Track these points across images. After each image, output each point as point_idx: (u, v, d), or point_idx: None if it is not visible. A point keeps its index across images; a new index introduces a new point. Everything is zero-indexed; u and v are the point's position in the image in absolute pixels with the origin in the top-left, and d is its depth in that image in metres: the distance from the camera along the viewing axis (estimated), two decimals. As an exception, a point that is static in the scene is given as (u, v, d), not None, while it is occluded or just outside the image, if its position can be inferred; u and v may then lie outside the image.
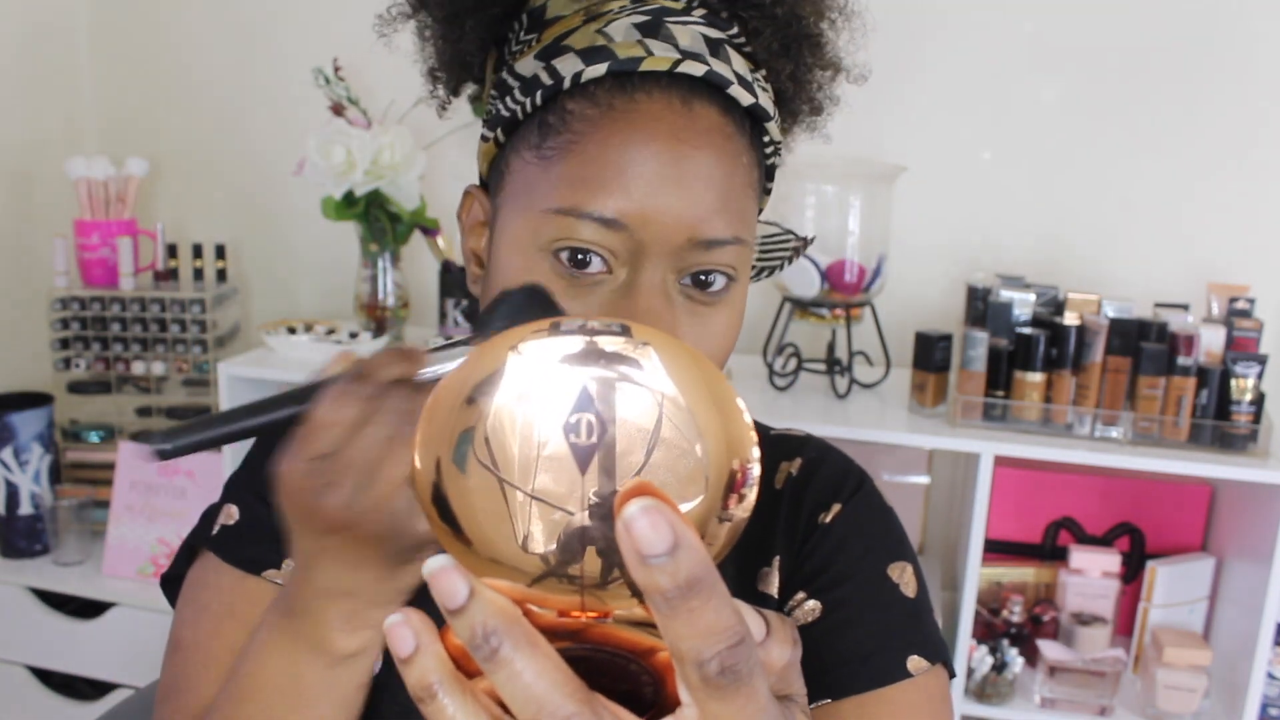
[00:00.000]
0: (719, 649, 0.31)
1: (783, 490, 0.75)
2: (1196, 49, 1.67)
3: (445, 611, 0.32)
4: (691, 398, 0.32)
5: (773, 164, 0.67)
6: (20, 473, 1.85)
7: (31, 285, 2.03)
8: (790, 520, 0.73)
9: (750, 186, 0.63)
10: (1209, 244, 1.71)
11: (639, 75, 0.60)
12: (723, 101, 0.62)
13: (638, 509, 0.30)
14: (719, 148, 0.61)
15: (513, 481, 0.33)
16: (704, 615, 0.30)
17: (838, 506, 0.73)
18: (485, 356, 0.33)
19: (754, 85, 0.63)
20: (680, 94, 0.61)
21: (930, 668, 0.69)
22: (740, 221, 0.62)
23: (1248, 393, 1.42)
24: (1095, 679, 1.50)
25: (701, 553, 0.30)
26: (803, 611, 0.71)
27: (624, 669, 0.35)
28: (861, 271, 1.59)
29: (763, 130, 0.65)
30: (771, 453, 0.77)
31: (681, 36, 0.62)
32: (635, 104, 0.60)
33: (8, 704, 1.87)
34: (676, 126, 0.60)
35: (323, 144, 1.66)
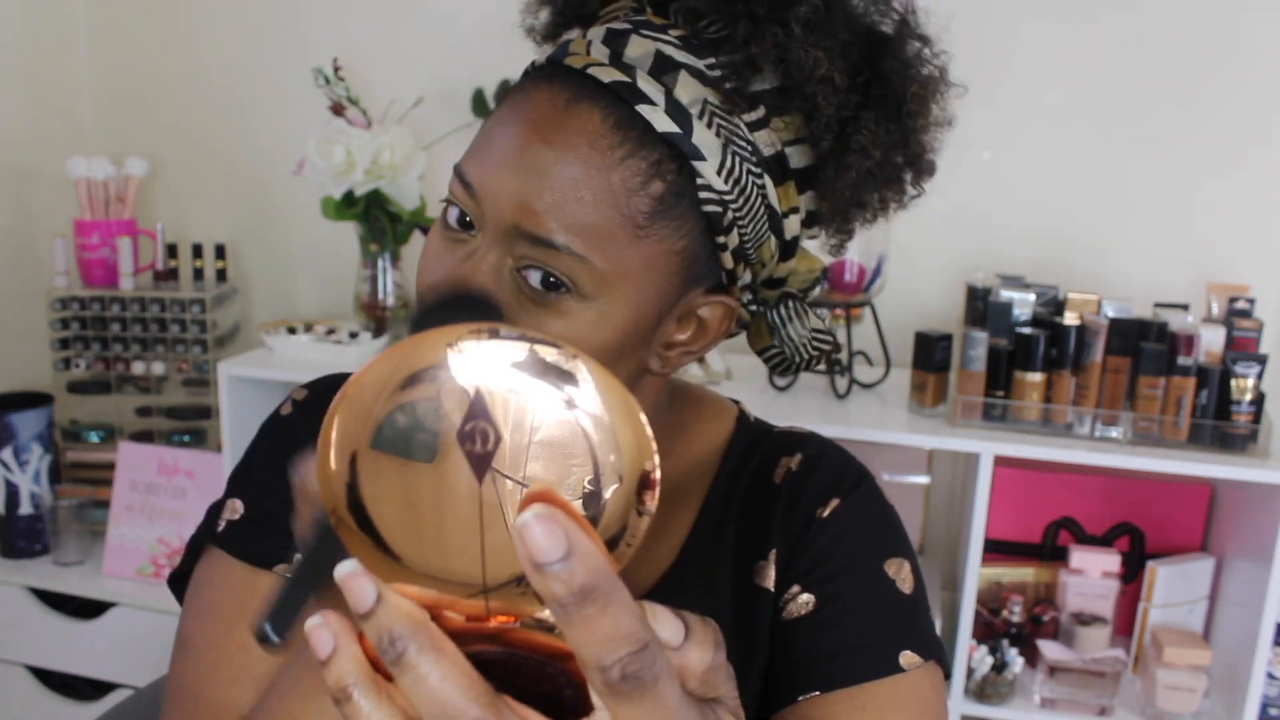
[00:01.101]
0: (620, 655, 0.31)
1: (781, 485, 0.75)
2: (1197, 49, 1.67)
3: (356, 616, 0.33)
4: (611, 409, 0.33)
5: (712, 212, 0.61)
6: (20, 473, 1.85)
7: (31, 285, 2.03)
8: (787, 514, 0.73)
9: (613, 209, 0.59)
10: (1209, 244, 1.71)
11: (559, 68, 0.62)
12: (625, 115, 0.59)
13: (532, 516, 0.30)
14: (574, 150, 0.59)
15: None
16: (601, 622, 0.31)
17: (836, 501, 0.73)
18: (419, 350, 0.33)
19: (694, 119, 0.60)
20: (574, 91, 0.60)
21: (923, 664, 0.68)
22: (575, 234, 0.58)
23: (1248, 393, 1.42)
24: (1095, 679, 1.50)
25: (597, 560, 0.31)
26: (797, 605, 0.71)
27: (542, 672, 0.36)
28: (861, 271, 1.59)
29: (693, 170, 0.60)
30: (773, 449, 0.77)
31: (634, 48, 0.61)
32: (530, 89, 0.62)
33: (8, 704, 1.87)
34: (543, 117, 0.60)
35: (323, 144, 1.66)
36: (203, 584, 0.74)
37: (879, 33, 0.66)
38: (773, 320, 0.72)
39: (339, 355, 1.70)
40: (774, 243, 0.66)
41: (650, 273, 0.61)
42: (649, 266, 0.61)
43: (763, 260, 0.66)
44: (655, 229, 0.60)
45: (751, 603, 0.72)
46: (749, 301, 0.73)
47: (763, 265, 0.67)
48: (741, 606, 0.72)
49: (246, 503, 0.75)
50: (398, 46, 1.94)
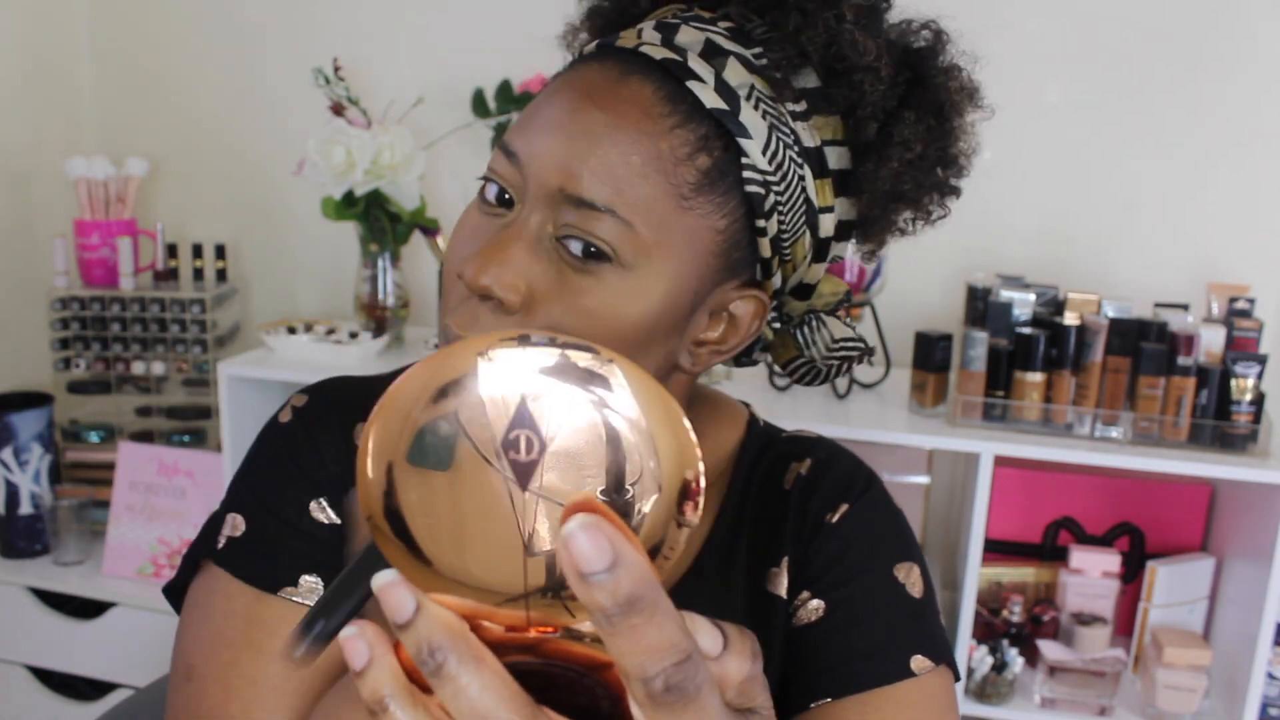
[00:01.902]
0: (663, 666, 0.31)
1: (791, 491, 0.74)
2: (1197, 49, 1.67)
3: (394, 627, 0.33)
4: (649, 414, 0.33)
5: (754, 193, 0.62)
6: (20, 473, 1.85)
7: (31, 285, 2.03)
8: (798, 521, 0.73)
9: (660, 176, 0.59)
10: (1209, 244, 1.71)
11: (604, 50, 0.63)
12: (674, 90, 0.60)
13: (577, 525, 0.30)
14: (625, 116, 0.59)
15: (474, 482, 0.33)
16: (647, 632, 0.30)
17: (845, 506, 0.73)
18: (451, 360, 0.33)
19: (742, 100, 0.60)
20: (625, 67, 0.61)
21: (934, 668, 0.68)
22: (621, 196, 0.59)
23: (1248, 393, 1.42)
24: (1095, 679, 1.50)
25: (643, 569, 0.30)
26: (807, 610, 0.70)
27: (579, 683, 0.36)
28: (861, 272, 1.59)
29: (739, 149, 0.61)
30: (782, 453, 0.77)
31: (684, 35, 0.62)
32: (578, 68, 0.63)
33: (8, 704, 1.87)
34: (595, 87, 0.61)
35: (323, 144, 1.66)
36: (204, 605, 0.71)
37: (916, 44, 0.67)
38: (799, 340, 0.72)
39: (339, 355, 1.70)
40: (808, 240, 0.66)
41: (691, 248, 0.62)
42: (691, 241, 0.61)
43: (795, 260, 0.66)
44: (699, 202, 0.61)
45: (765, 610, 0.72)
46: (774, 319, 0.73)
47: (794, 266, 0.66)
48: (755, 614, 0.72)
49: (248, 519, 0.72)
50: (398, 46, 1.94)
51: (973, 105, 0.68)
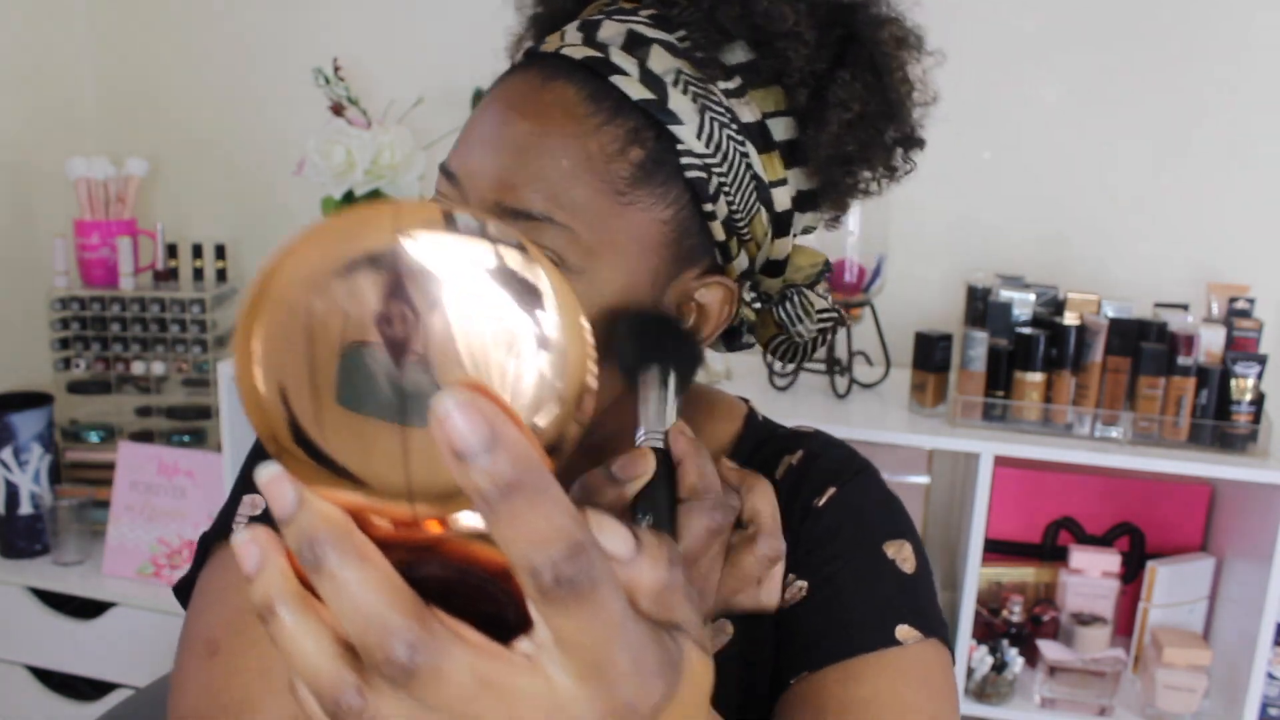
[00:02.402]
0: (551, 555, 0.29)
1: (782, 481, 0.74)
2: (1197, 49, 1.67)
3: (279, 523, 0.31)
4: (566, 329, 0.31)
5: (696, 178, 0.61)
6: (20, 473, 1.85)
7: (31, 285, 2.03)
8: (787, 509, 0.73)
9: (593, 176, 0.59)
10: (1209, 244, 1.71)
11: (530, 57, 0.64)
12: (598, 88, 0.60)
13: (452, 402, 0.28)
14: (550, 121, 0.59)
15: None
16: (531, 519, 0.29)
17: (832, 490, 0.72)
18: (363, 229, 0.30)
19: (668, 87, 0.60)
20: (546, 72, 0.61)
21: (923, 639, 0.66)
22: (556, 203, 0.58)
23: (1248, 393, 1.42)
24: (1095, 679, 1.50)
25: (524, 450, 0.28)
26: (791, 591, 0.70)
27: (483, 590, 0.33)
28: (861, 271, 1.59)
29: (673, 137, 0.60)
30: (777, 447, 0.77)
31: (605, 30, 0.62)
32: (507, 78, 0.63)
33: (8, 704, 1.87)
34: (518, 96, 0.61)
35: (323, 144, 1.66)
36: (221, 582, 0.68)
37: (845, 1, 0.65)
38: (780, 317, 0.71)
39: (339, 355, 1.69)
40: (765, 216, 0.65)
41: (639, 244, 0.61)
42: (637, 237, 0.61)
43: (756, 236, 0.65)
44: (638, 196, 0.60)
45: None
46: (753, 299, 0.73)
47: (757, 244, 0.66)
48: None
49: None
50: (398, 46, 1.94)
51: (914, 54, 0.66)
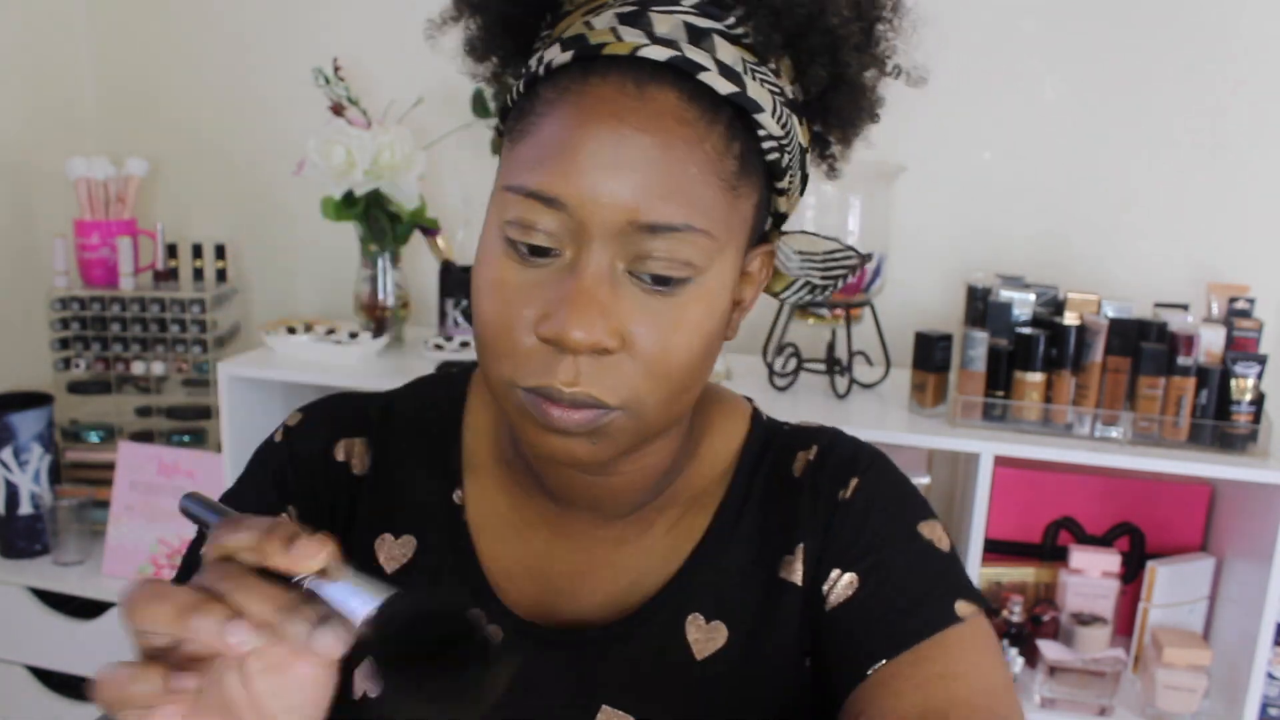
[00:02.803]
0: None
1: (803, 478, 0.75)
2: (1197, 48, 1.67)
3: None
4: None
5: (774, 160, 0.64)
6: (20, 473, 1.85)
7: (31, 285, 2.03)
8: (812, 505, 0.73)
9: (714, 176, 0.60)
10: (1209, 244, 1.71)
11: (601, 60, 0.61)
12: (690, 88, 0.60)
13: None
14: (669, 131, 0.59)
15: None
16: None
17: (855, 480, 0.73)
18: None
19: (742, 76, 0.61)
20: (636, 78, 0.60)
21: (977, 611, 0.69)
22: (693, 209, 0.59)
23: (1248, 393, 1.42)
24: (1095, 679, 1.50)
25: None
26: (841, 588, 0.70)
27: None
28: (861, 271, 1.59)
29: (754, 123, 0.63)
30: (787, 445, 0.77)
31: (660, 24, 0.61)
32: (589, 87, 0.60)
33: (8, 704, 1.87)
34: (623, 109, 0.59)
35: (323, 144, 1.66)
36: None
37: None
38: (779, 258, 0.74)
39: (339, 355, 1.70)
40: (799, 178, 0.69)
41: (743, 231, 0.64)
42: (742, 224, 0.64)
43: (792, 197, 0.69)
44: (743, 187, 0.63)
45: (775, 598, 0.72)
46: None
47: (789, 201, 0.70)
48: (763, 606, 0.72)
49: None
50: (398, 46, 1.94)
51: None
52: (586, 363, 0.60)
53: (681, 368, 0.62)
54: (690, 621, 0.71)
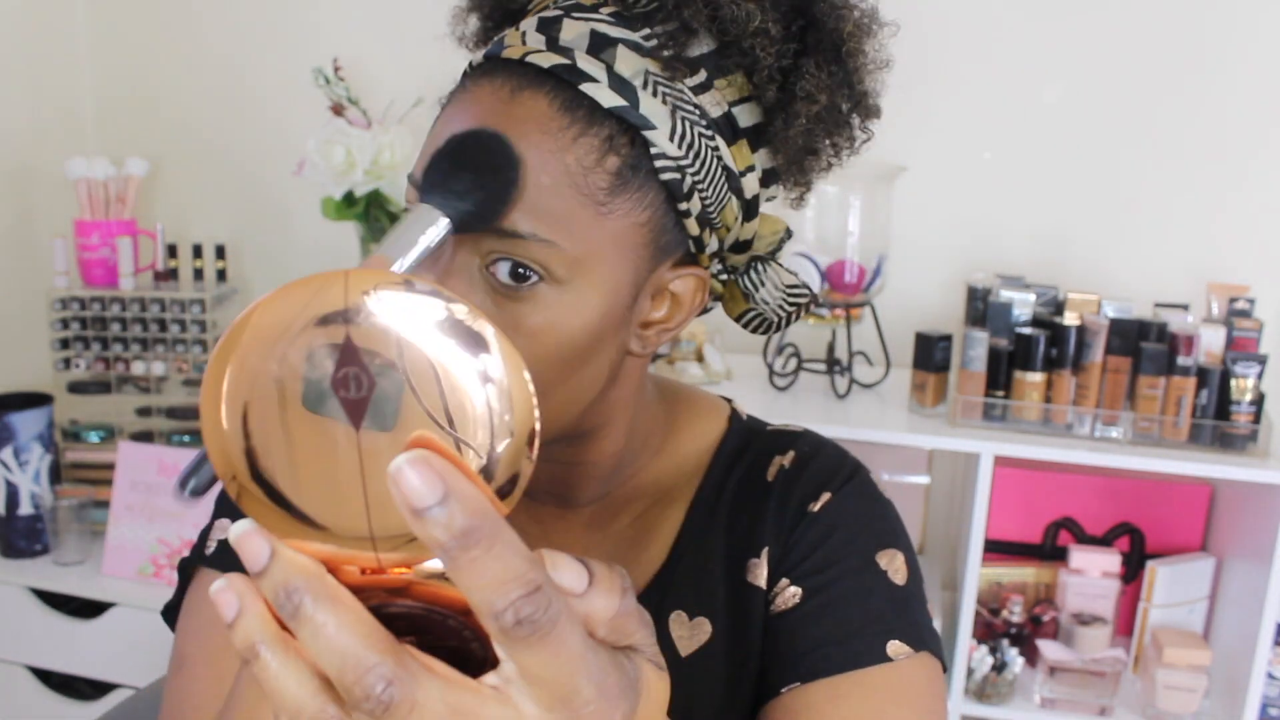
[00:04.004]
0: (511, 598, 0.31)
1: (774, 482, 0.74)
2: (1196, 49, 1.67)
3: (253, 575, 0.33)
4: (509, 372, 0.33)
5: (671, 179, 0.61)
6: (20, 473, 1.85)
7: (31, 285, 2.02)
8: (779, 511, 0.73)
9: (572, 189, 0.58)
10: (1209, 244, 1.71)
11: (499, 62, 0.61)
12: (569, 97, 0.59)
13: (404, 460, 0.30)
14: (531, 138, 0.58)
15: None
16: (488, 565, 0.31)
17: (827, 495, 0.72)
18: (329, 290, 0.32)
19: (638, 90, 0.59)
20: (515, 82, 0.60)
21: (913, 654, 0.67)
22: (541, 218, 0.58)
23: (1248, 393, 1.42)
24: (1095, 679, 1.50)
25: (477, 501, 0.30)
26: (784, 597, 0.70)
27: (447, 625, 0.36)
28: (861, 271, 1.59)
29: (646, 141, 0.60)
30: (766, 447, 0.77)
31: (567, 31, 0.61)
32: (472, 86, 0.61)
33: (8, 704, 1.87)
34: (488, 110, 0.59)
35: (323, 144, 1.66)
36: (196, 603, 0.73)
37: None
38: (745, 286, 0.71)
39: (339, 355, 1.69)
40: (735, 204, 0.65)
41: (619, 249, 0.61)
42: (617, 243, 0.61)
43: (726, 224, 0.66)
44: (617, 204, 0.60)
45: (744, 601, 0.72)
46: (719, 271, 0.73)
47: (727, 229, 0.66)
48: (735, 605, 0.72)
49: (234, 520, 0.74)
50: (398, 46, 1.94)
51: (874, 36, 0.66)
52: None
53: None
54: (674, 619, 0.71)
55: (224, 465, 0.34)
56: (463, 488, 0.30)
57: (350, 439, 0.33)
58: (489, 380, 0.33)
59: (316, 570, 0.33)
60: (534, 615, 0.31)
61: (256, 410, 0.33)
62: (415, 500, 0.30)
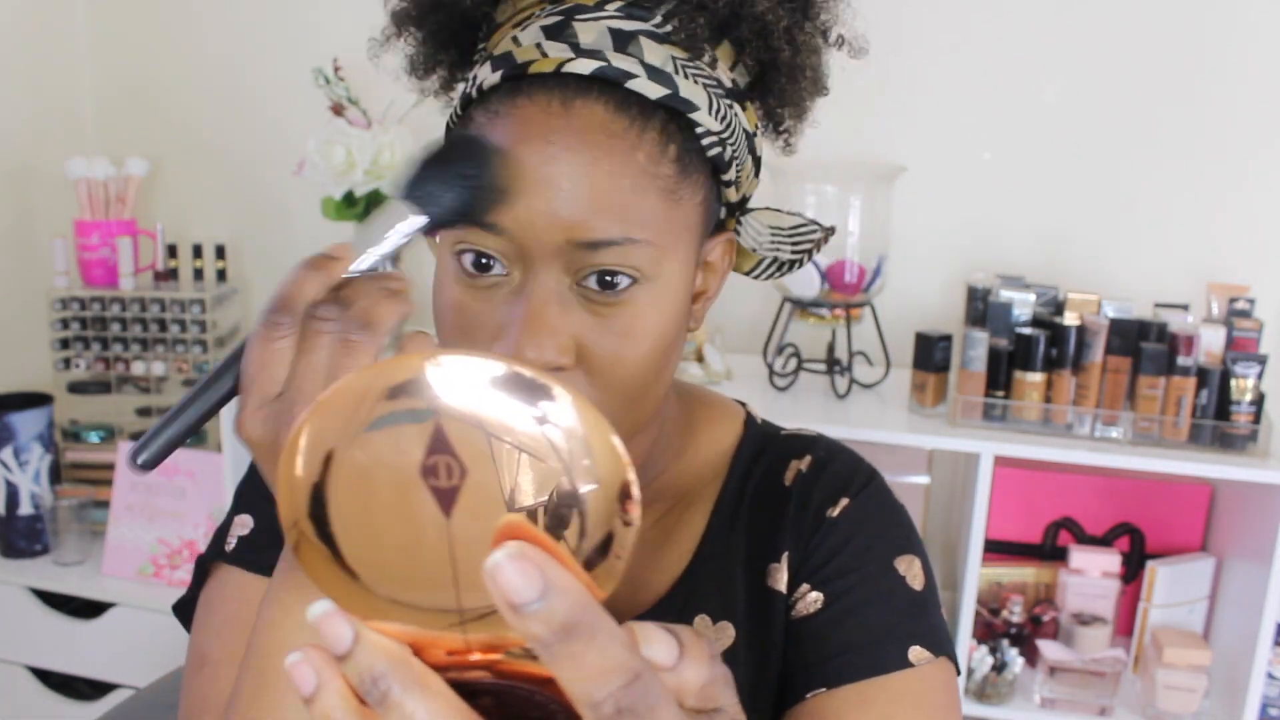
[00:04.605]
0: (611, 689, 0.30)
1: (792, 487, 0.75)
2: (1196, 48, 1.67)
3: (335, 655, 0.32)
4: (585, 422, 0.32)
5: (716, 155, 0.64)
6: (20, 473, 1.85)
7: (31, 285, 2.02)
8: (798, 516, 0.73)
9: (650, 185, 0.60)
10: (1209, 244, 1.71)
11: (527, 79, 0.61)
12: (619, 96, 0.60)
13: (503, 556, 0.29)
14: (598, 146, 0.59)
15: None
16: (588, 657, 0.30)
17: (845, 501, 0.73)
18: (400, 364, 0.32)
19: (673, 76, 0.61)
20: (562, 95, 0.60)
21: (933, 659, 0.68)
22: (630, 221, 0.60)
23: (1248, 393, 1.42)
24: (1095, 679, 1.50)
25: (578, 594, 0.30)
26: (806, 603, 0.71)
27: (531, 699, 0.35)
28: (861, 271, 1.59)
29: (690, 122, 0.62)
30: (782, 451, 0.77)
31: (585, 34, 0.61)
32: (516, 109, 0.61)
33: (8, 704, 1.87)
34: (550, 128, 0.59)
35: (323, 144, 1.66)
36: (217, 600, 0.72)
37: None
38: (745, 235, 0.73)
39: (339, 355, 1.69)
40: (750, 163, 0.68)
41: (688, 233, 0.64)
42: (686, 227, 0.63)
43: (744, 187, 0.69)
44: (683, 189, 0.63)
45: (765, 605, 0.72)
46: None
47: (739, 190, 0.69)
48: (756, 609, 0.72)
49: (256, 517, 0.74)
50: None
51: None
52: None
53: (636, 373, 0.63)
54: (698, 623, 0.72)
55: (291, 515, 0.34)
56: (562, 580, 0.29)
57: (439, 526, 0.32)
58: (582, 469, 0.32)
59: (402, 655, 0.32)
60: (634, 704, 0.30)
61: (341, 463, 0.33)
62: (515, 596, 0.29)
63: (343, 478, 0.33)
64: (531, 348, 0.59)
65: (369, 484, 0.33)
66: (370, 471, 0.33)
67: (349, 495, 0.33)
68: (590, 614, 0.30)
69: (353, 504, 0.33)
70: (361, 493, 0.33)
